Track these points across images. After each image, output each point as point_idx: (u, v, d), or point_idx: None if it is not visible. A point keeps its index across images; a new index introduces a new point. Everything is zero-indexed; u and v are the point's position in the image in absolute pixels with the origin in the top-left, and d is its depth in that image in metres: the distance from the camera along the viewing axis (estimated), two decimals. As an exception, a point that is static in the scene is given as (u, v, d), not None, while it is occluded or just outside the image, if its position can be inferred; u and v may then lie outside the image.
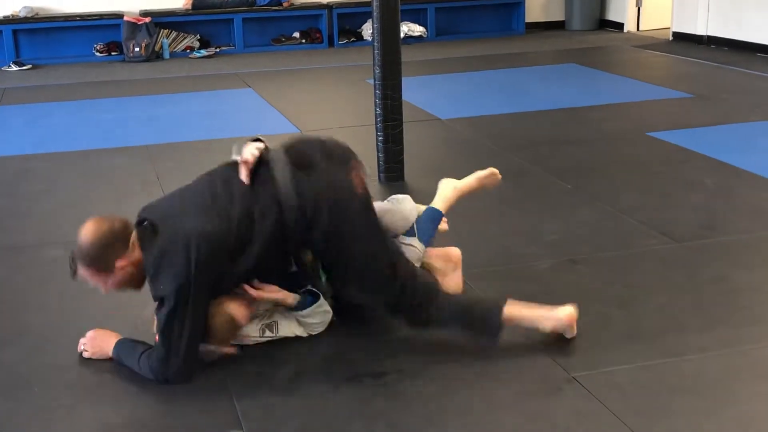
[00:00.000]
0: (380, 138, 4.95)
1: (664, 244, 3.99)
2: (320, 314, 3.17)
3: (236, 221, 2.88)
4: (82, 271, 2.92)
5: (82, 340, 3.12)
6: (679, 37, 10.00)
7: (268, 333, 3.14)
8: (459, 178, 3.59)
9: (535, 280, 3.66)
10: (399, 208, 3.38)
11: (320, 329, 3.19)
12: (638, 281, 3.62)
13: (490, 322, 3.03)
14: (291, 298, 3.11)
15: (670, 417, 2.65)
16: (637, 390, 2.79)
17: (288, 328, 3.17)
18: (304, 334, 3.18)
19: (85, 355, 3.10)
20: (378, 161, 5.00)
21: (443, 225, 3.51)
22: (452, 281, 3.44)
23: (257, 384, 2.92)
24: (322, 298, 3.16)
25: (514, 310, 3.06)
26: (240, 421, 2.70)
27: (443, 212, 3.51)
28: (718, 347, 3.05)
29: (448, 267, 3.48)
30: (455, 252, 3.53)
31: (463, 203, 3.64)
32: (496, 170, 3.66)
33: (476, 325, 3.07)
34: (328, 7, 10.42)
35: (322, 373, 3.00)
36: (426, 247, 3.41)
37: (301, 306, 3.12)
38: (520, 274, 3.73)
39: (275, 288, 3.08)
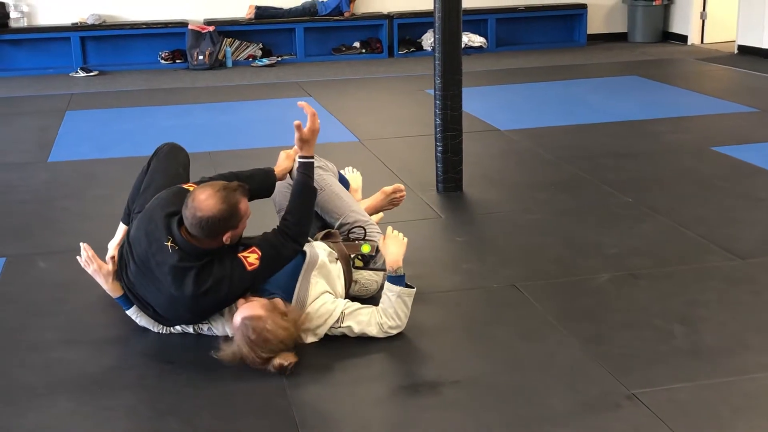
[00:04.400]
0: (439, 148, 4.95)
1: (727, 260, 3.92)
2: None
3: None
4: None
5: None
6: (744, 50, 9.83)
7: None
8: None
9: (595, 294, 3.63)
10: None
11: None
12: (700, 297, 3.56)
13: None
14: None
15: (732, 436, 2.61)
16: (698, 408, 2.75)
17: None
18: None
19: None
20: (437, 171, 5.00)
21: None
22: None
23: (314, 391, 2.94)
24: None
25: None
26: (297, 427, 2.72)
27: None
28: (782, 367, 2.99)
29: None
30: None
31: (520, 215, 3.61)
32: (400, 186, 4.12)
33: None
34: (389, 17, 10.46)
35: (378, 381, 3.02)
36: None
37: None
38: (579, 288, 3.70)
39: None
